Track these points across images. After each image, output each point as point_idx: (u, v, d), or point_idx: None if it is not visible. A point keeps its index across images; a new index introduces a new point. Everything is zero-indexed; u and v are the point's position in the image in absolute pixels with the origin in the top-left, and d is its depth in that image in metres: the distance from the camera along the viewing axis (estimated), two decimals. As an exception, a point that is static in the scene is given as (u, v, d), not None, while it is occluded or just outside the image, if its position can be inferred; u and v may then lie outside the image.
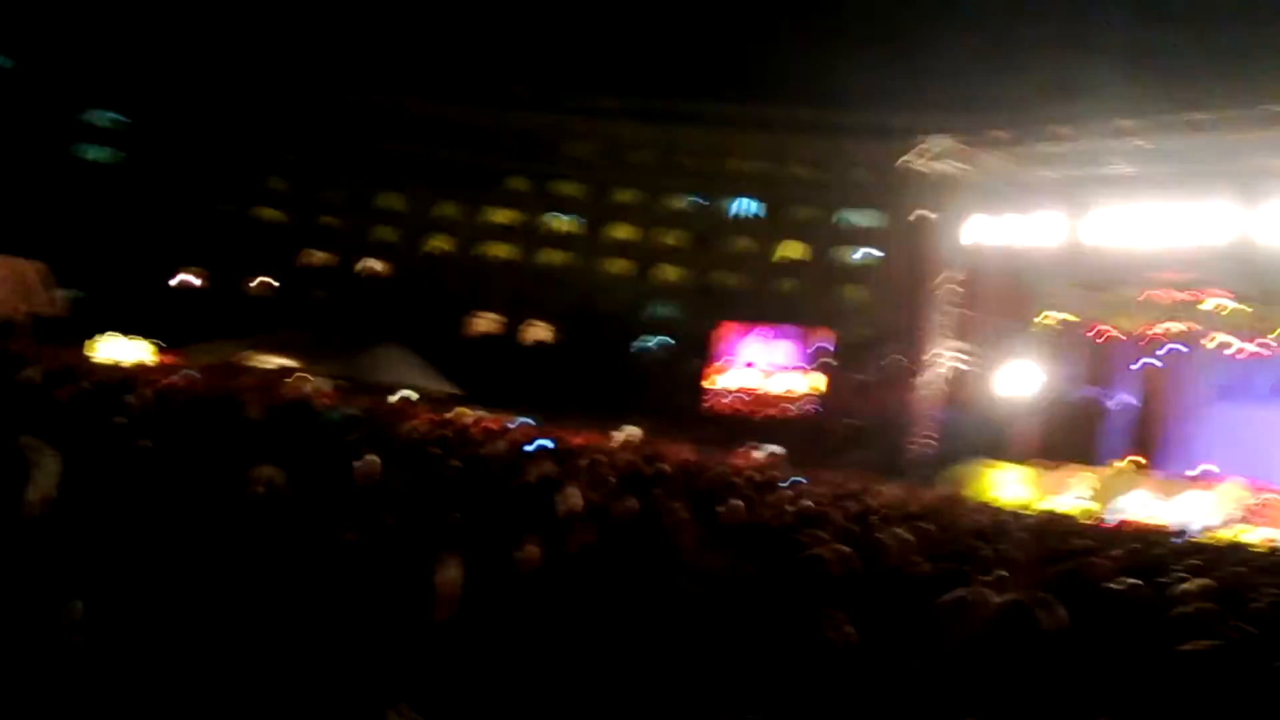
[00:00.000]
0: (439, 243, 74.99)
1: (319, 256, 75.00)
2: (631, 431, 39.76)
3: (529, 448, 13.92)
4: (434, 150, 72.00)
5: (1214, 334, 37.84)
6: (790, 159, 69.61)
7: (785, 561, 4.81)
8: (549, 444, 14.43)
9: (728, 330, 52.99)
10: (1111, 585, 6.76)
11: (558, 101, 71.12)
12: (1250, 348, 38.30)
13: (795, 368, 48.17)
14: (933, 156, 39.50)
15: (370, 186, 73.75)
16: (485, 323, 72.32)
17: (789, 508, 9.38)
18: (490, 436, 15.45)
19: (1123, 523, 18.33)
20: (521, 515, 5.53)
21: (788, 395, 48.40)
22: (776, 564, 4.86)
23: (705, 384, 52.60)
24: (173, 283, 70.01)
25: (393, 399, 33.26)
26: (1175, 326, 37.66)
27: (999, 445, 40.37)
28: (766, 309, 59.49)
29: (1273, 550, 21.84)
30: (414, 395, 37.57)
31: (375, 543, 3.87)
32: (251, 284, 72.75)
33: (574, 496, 6.08)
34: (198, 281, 72.00)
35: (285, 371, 36.47)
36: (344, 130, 71.85)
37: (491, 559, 4.41)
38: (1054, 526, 16.64)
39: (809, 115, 67.18)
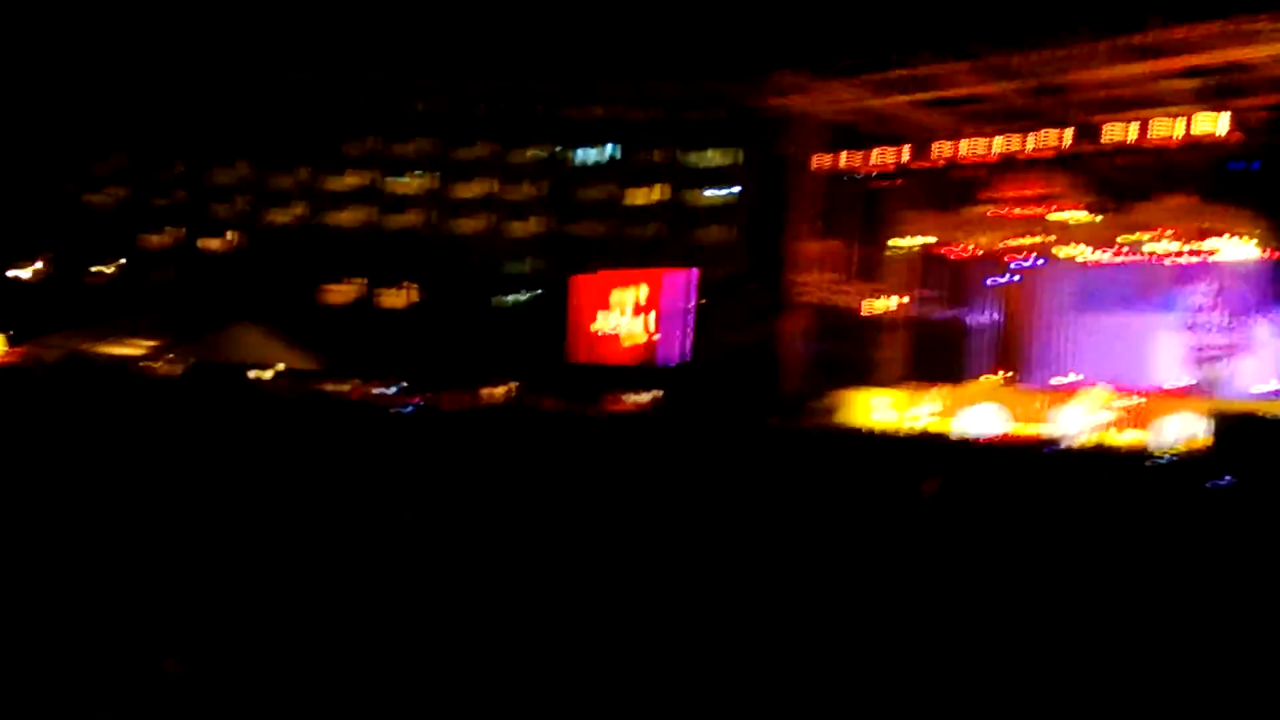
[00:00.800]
0: (285, 213, 72.93)
1: (160, 237, 72.43)
2: (495, 391, 39.29)
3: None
4: (272, 117, 69.85)
5: (1067, 245, 38.78)
6: (641, 101, 69.17)
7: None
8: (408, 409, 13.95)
9: (591, 279, 52.47)
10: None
11: (400, 60, 69.75)
12: (1103, 257, 39.40)
13: (663, 311, 47.92)
14: (783, 91, 39.47)
15: (209, 161, 71.27)
16: (341, 291, 70.70)
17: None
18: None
19: (1002, 436, 18.55)
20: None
21: (656, 339, 48.17)
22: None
23: (573, 335, 52.12)
24: (14, 274, 66.91)
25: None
26: (1030, 240, 38.41)
27: (869, 371, 40.86)
28: (629, 254, 59.18)
29: (1141, 450, 22.43)
30: (266, 375, 36.43)
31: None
32: (94, 270, 69.97)
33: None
34: (38, 271, 68.92)
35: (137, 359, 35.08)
36: (178, 104, 69.10)
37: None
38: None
39: (657, 56, 67.03)
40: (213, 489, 5.72)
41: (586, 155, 70.90)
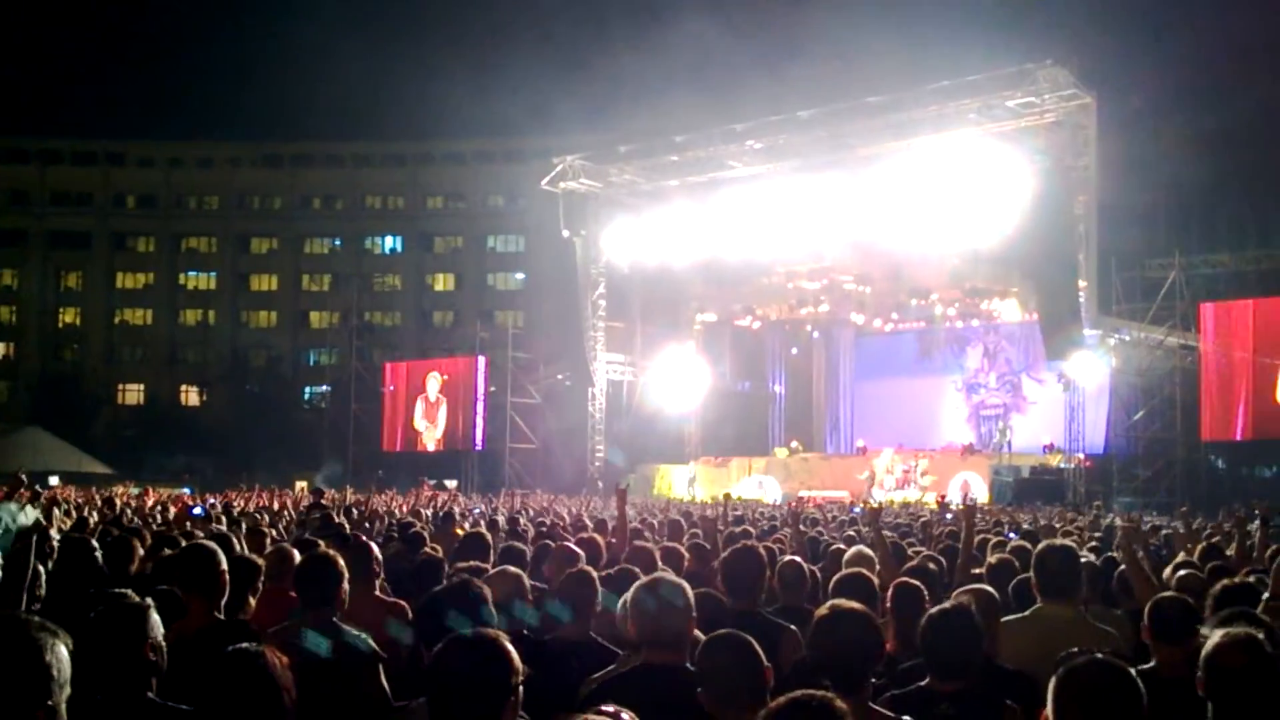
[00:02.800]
0: (69, 315, 70.14)
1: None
2: (301, 487, 38.46)
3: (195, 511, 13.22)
4: (51, 218, 67.45)
5: (851, 314, 40.36)
6: (428, 191, 69.36)
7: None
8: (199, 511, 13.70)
9: (390, 369, 52.18)
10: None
11: (173, 154, 68.38)
12: (883, 325, 41.15)
13: (461, 399, 47.89)
14: (566, 176, 40.26)
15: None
16: (129, 393, 68.29)
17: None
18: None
19: (800, 501, 19.20)
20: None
21: (457, 429, 48.08)
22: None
23: (373, 426, 51.59)
24: None
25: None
26: (818, 309, 39.87)
27: (670, 446, 41.63)
28: (424, 343, 59.06)
29: (935, 509, 23.44)
30: (54, 480, 34.88)
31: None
32: None
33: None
34: None
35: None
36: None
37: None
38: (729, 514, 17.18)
39: (441, 147, 67.37)
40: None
41: (377, 245, 70.52)
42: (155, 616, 3.88)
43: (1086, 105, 30.91)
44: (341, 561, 5.35)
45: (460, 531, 11.42)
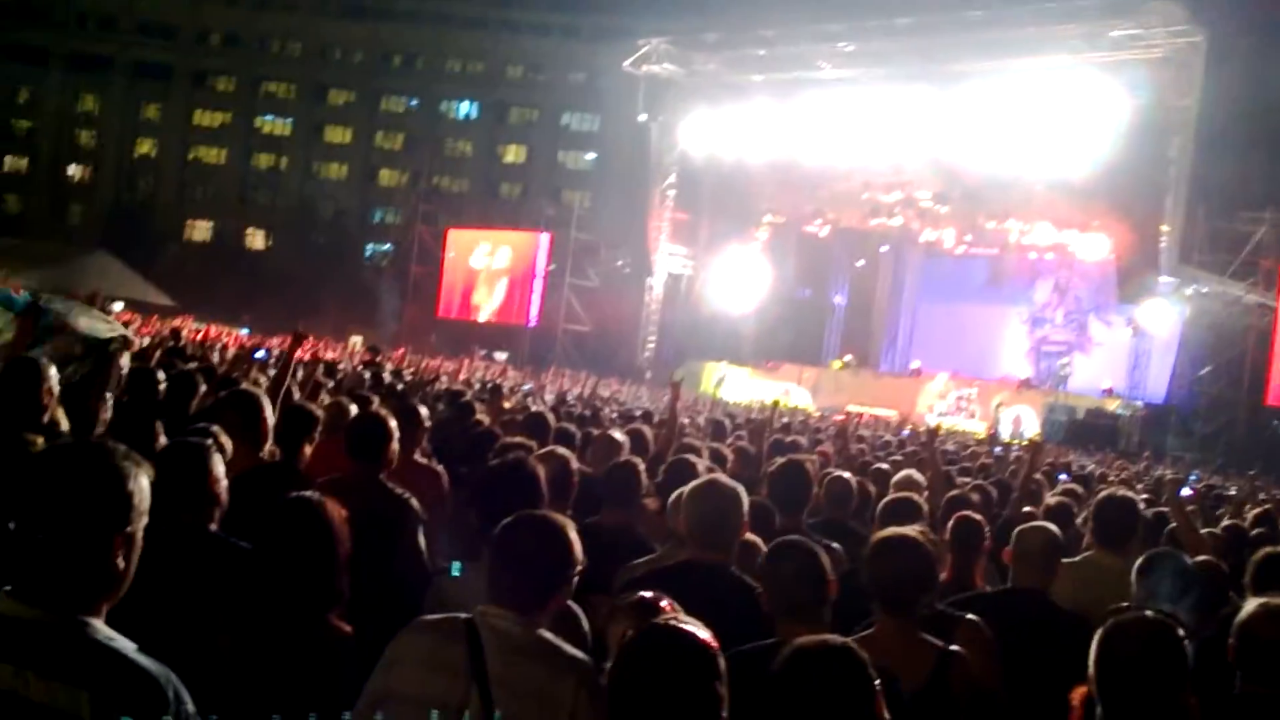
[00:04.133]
0: (145, 146, 70.66)
1: (13, 162, 69.73)
2: (355, 341, 38.82)
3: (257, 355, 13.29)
4: (136, 49, 67.56)
5: (924, 232, 39.68)
6: (508, 60, 68.66)
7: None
8: (262, 354, 13.73)
9: (452, 235, 52.15)
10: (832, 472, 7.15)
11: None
12: (956, 246, 40.47)
13: (520, 273, 47.88)
14: (649, 60, 39.67)
15: (70, 87, 68.54)
16: (197, 229, 68.97)
17: (518, 416, 9.20)
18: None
19: (849, 416, 19.08)
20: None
21: (513, 303, 48.16)
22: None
23: (431, 290, 51.78)
24: None
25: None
26: (890, 221, 39.21)
27: (724, 346, 41.48)
28: (490, 213, 58.88)
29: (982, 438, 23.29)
30: (118, 306, 35.36)
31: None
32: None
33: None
34: None
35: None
36: (40, 25, 66.21)
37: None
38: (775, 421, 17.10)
39: (526, 17, 66.54)
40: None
41: (457, 108, 70.14)
42: (218, 453, 4.02)
43: (1196, 44, 29.94)
44: (392, 422, 5.39)
45: (507, 405, 11.46)
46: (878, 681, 2.55)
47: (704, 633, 2.52)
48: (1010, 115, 32.26)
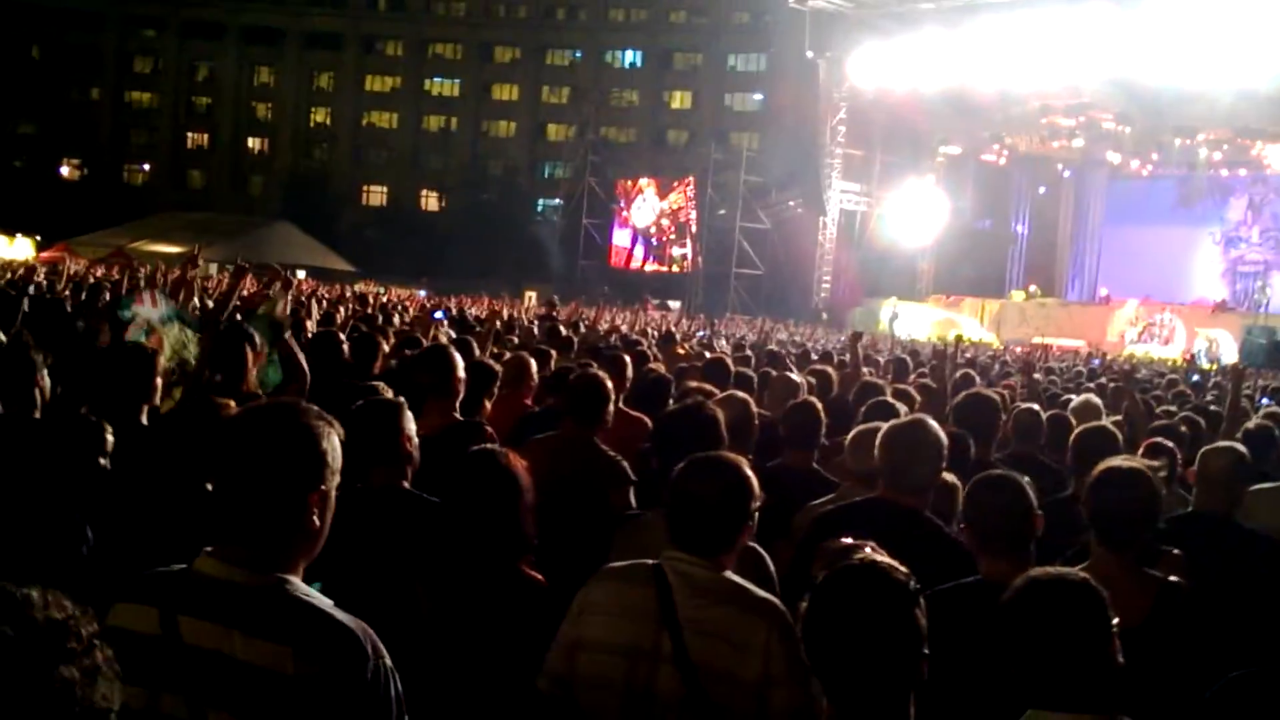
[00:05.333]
0: (320, 115, 72.76)
1: (195, 138, 72.61)
2: (530, 297, 39.46)
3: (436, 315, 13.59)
4: (306, 19, 69.45)
5: (1106, 154, 38.21)
6: (671, 5, 68.22)
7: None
8: (440, 314, 14.03)
9: (620, 186, 52.43)
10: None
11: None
12: (1134, 165, 38.87)
13: (688, 219, 47.86)
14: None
15: (246, 61, 71.00)
16: (372, 194, 70.83)
17: (696, 362, 9.17)
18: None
19: (1034, 348, 18.56)
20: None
21: (684, 248, 48.21)
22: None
23: (602, 242, 52.26)
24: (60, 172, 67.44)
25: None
26: (1074, 143, 37.82)
27: (902, 283, 40.78)
28: (658, 161, 58.90)
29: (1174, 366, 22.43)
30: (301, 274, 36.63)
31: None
32: (129, 170, 70.46)
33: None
34: (68, 172, 69.49)
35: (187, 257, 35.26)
36: (213, 2, 68.70)
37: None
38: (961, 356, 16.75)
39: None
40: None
41: (622, 57, 70.13)
42: (409, 412, 4.09)
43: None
44: (610, 385, 5.40)
45: (682, 350, 11.48)
46: (1116, 620, 2.44)
47: (901, 568, 2.46)
48: (1190, 24, 30.59)
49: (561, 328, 13.22)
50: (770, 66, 63.06)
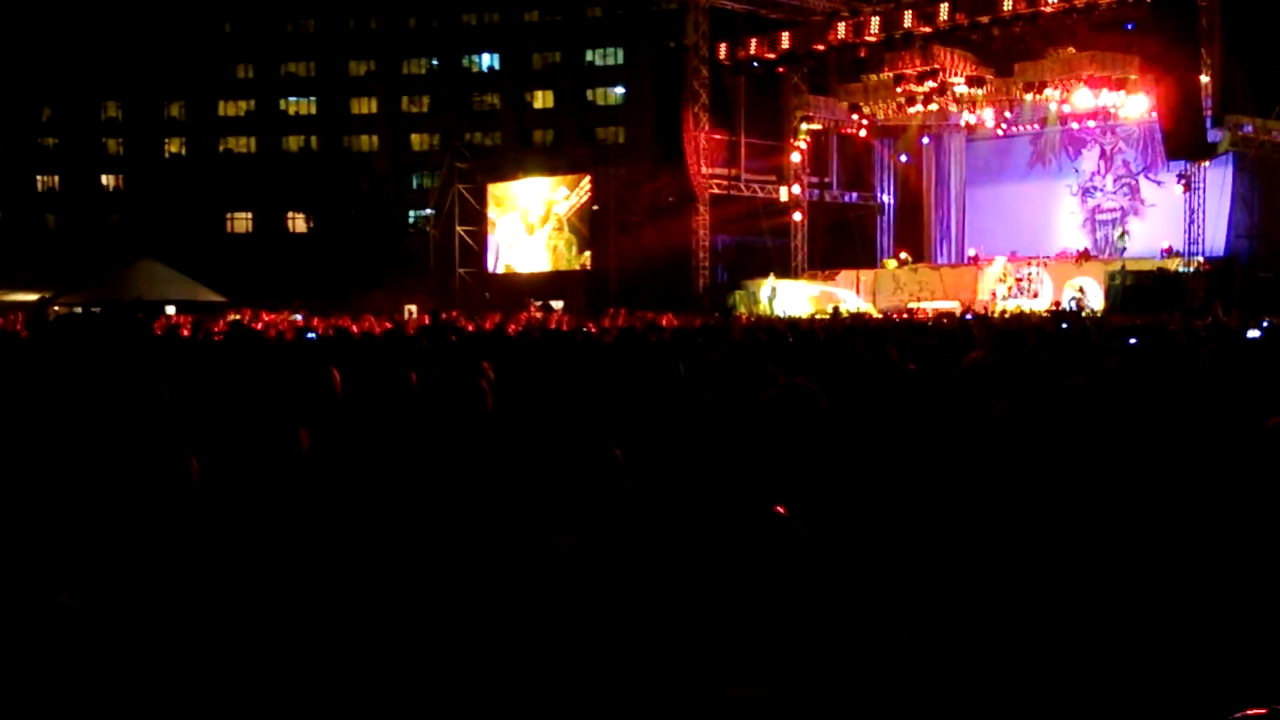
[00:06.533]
0: (173, 146, 71.00)
1: (47, 178, 70.39)
2: (411, 310, 39.11)
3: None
4: (154, 46, 67.67)
5: (963, 114, 39.00)
6: (523, 6, 67.94)
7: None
8: (311, 335, 13.86)
9: (491, 190, 52.09)
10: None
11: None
12: (995, 128, 39.74)
13: (564, 219, 47.75)
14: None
15: (91, 96, 68.95)
16: (237, 221, 69.39)
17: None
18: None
19: (911, 312, 18.92)
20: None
21: (563, 248, 48.09)
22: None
23: (479, 249, 51.87)
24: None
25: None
26: (923, 110, 38.52)
27: (777, 262, 41.17)
28: (526, 162, 58.70)
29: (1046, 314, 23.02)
30: (171, 310, 35.79)
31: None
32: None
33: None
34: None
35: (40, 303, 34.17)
36: (49, 36, 66.53)
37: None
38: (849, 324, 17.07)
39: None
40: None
41: (477, 61, 69.63)
42: None
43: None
44: None
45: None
46: None
47: None
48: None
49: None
50: (629, 58, 63.27)
